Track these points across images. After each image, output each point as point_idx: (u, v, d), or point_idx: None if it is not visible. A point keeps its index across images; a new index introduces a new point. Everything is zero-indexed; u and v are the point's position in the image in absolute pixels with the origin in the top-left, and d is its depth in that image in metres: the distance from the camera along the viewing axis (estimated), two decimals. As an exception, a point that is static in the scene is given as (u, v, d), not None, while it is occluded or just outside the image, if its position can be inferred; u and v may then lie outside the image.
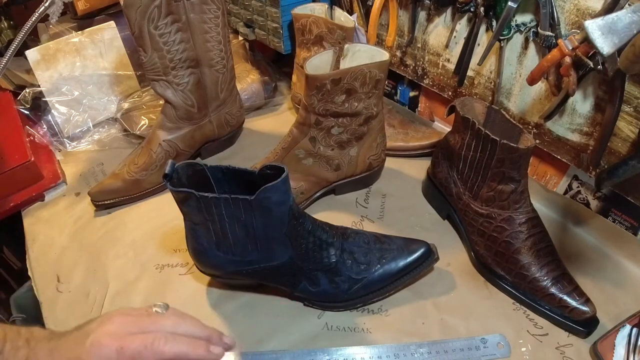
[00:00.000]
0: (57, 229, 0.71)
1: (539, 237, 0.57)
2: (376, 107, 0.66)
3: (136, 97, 0.91)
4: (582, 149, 0.62)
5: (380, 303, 0.58)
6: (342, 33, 0.76)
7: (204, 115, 0.78)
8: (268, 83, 0.97)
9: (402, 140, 0.81)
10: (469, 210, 0.62)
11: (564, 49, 0.53)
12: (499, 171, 0.56)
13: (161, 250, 0.67)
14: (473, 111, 0.62)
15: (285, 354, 0.53)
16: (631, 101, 0.54)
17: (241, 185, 0.50)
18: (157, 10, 0.64)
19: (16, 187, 0.75)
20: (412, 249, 0.57)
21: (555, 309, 0.54)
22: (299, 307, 0.58)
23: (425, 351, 0.52)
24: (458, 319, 0.56)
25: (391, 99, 0.95)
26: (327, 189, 0.73)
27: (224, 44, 0.74)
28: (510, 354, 0.52)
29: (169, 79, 0.71)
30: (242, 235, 0.50)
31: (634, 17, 0.39)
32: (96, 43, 0.88)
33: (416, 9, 0.76)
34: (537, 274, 0.55)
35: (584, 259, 0.63)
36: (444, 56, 0.76)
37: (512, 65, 0.66)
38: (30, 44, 0.88)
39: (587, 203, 0.67)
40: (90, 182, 0.79)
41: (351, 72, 0.59)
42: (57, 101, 0.86)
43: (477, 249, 0.61)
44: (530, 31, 0.61)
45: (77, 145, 0.87)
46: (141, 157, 0.74)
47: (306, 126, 0.65)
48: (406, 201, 0.73)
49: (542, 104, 0.65)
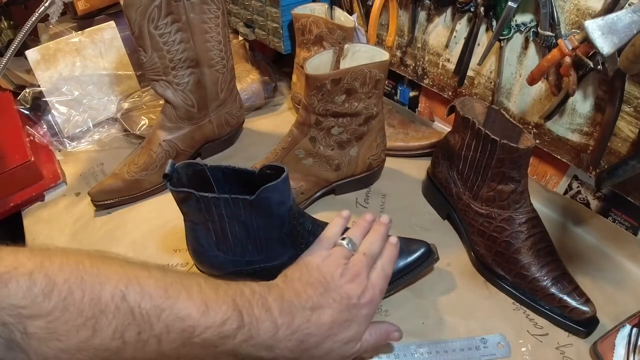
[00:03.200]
0: (57, 229, 0.71)
1: (539, 237, 0.57)
2: (376, 107, 0.66)
3: (136, 97, 0.91)
4: (582, 149, 0.62)
5: (380, 303, 0.58)
6: (342, 33, 0.76)
7: (204, 115, 0.78)
8: (268, 83, 0.97)
9: (402, 140, 0.81)
10: (469, 210, 0.62)
11: (564, 49, 0.53)
12: (499, 171, 0.56)
13: (161, 250, 0.67)
14: (473, 111, 0.62)
15: (285, 354, 0.53)
16: (631, 101, 0.54)
17: (241, 185, 0.50)
18: (157, 10, 0.64)
19: (16, 187, 0.75)
20: (412, 249, 0.57)
21: (555, 309, 0.54)
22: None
23: (425, 351, 0.52)
24: (458, 319, 0.56)
25: (391, 99, 0.95)
26: (327, 189, 0.73)
27: (224, 44, 0.74)
28: (510, 354, 0.52)
29: (169, 79, 0.71)
30: (242, 235, 0.50)
31: (634, 17, 0.39)
32: (96, 43, 0.88)
33: (416, 9, 0.76)
34: (537, 274, 0.55)
35: (584, 259, 0.63)
36: (444, 56, 0.76)
37: (512, 65, 0.66)
38: (30, 44, 0.88)
39: (587, 203, 0.67)
40: (90, 182, 0.79)
41: (351, 72, 0.59)
42: (57, 101, 0.86)
43: (477, 249, 0.61)
44: (530, 31, 0.61)
45: (77, 145, 0.87)
46: (141, 157, 0.74)
47: (306, 126, 0.65)
48: (406, 201, 0.73)
49: (542, 104, 0.65)
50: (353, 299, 0.44)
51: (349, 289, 0.44)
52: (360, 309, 0.45)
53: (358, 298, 0.44)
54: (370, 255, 0.48)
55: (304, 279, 0.44)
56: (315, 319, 0.42)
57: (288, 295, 0.42)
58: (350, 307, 0.44)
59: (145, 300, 0.33)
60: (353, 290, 0.44)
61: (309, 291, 0.43)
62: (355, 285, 0.45)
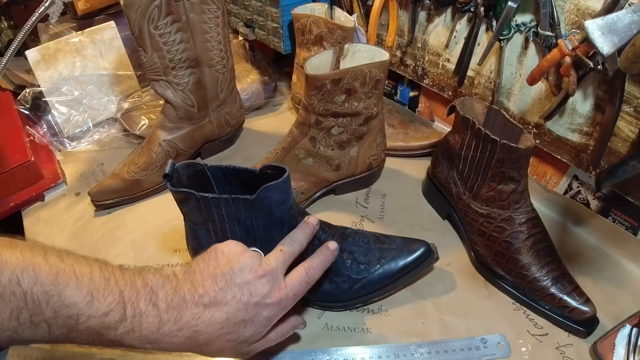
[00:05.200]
0: (57, 229, 0.71)
1: (539, 237, 0.57)
2: (376, 107, 0.66)
3: (136, 97, 0.91)
4: (582, 149, 0.62)
5: (380, 303, 0.58)
6: (342, 33, 0.76)
7: (204, 115, 0.78)
8: (268, 83, 0.97)
9: (402, 140, 0.81)
10: (469, 210, 0.62)
11: (564, 49, 0.53)
12: (499, 171, 0.56)
13: (161, 250, 0.67)
14: (473, 111, 0.62)
15: (286, 354, 0.53)
16: (631, 101, 0.54)
17: (241, 185, 0.50)
18: (157, 10, 0.64)
19: (16, 187, 0.75)
20: (412, 248, 0.57)
21: (555, 309, 0.54)
22: (299, 307, 0.58)
23: (425, 351, 0.52)
24: (458, 319, 0.56)
25: (391, 99, 0.95)
26: (327, 189, 0.73)
27: (224, 44, 0.74)
28: (510, 354, 0.52)
29: (169, 79, 0.71)
30: (242, 235, 0.50)
31: (634, 17, 0.39)
32: (96, 43, 0.88)
33: (416, 9, 0.76)
34: (537, 274, 0.55)
35: (584, 259, 0.63)
36: (444, 56, 0.76)
37: (512, 65, 0.66)
38: (30, 44, 0.88)
39: (587, 203, 0.67)
40: (90, 182, 0.79)
41: (351, 72, 0.59)
42: (57, 101, 0.86)
43: (477, 248, 0.61)
44: (530, 31, 0.61)
45: (77, 145, 0.87)
46: (141, 157, 0.74)
47: (306, 126, 0.65)
48: (406, 201, 0.73)
49: (542, 104, 0.65)
50: (256, 297, 0.41)
51: (256, 285, 0.41)
52: (263, 309, 0.42)
53: (263, 297, 0.41)
54: (288, 252, 0.45)
55: (208, 271, 0.42)
56: (207, 317, 0.40)
57: (182, 289, 0.40)
58: (251, 305, 0.41)
59: (37, 286, 0.34)
60: (260, 288, 0.41)
61: (207, 285, 0.40)
62: (264, 282, 0.42)
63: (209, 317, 0.40)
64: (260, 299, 0.41)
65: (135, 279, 0.39)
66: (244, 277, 0.41)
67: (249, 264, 0.42)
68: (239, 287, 0.41)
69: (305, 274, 0.45)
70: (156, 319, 0.38)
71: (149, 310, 0.38)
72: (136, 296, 0.38)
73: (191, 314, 0.39)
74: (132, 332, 0.37)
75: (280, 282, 0.43)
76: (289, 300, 0.44)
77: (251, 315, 0.41)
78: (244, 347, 0.43)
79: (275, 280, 0.43)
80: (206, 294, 0.40)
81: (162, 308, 0.39)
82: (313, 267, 0.46)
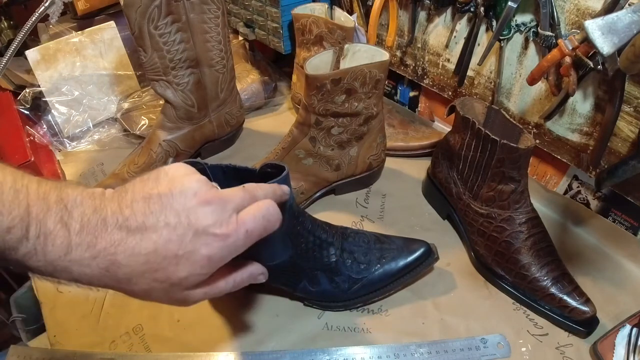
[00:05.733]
0: (57, 229, 0.71)
1: (539, 237, 0.57)
2: (376, 107, 0.66)
3: (136, 97, 0.91)
4: (582, 149, 0.62)
5: (380, 303, 0.58)
6: (342, 33, 0.76)
7: (204, 115, 0.78)
8: (268, 83, 0.97)
9: (402, 140, 0.81)
10: (469, 210, 0.62)
11: (564, 49, 0.53)
12: (499, 171, 0.56)
13: (161, 250, 0.67)
14: (473, 111, 0.62)
15: (285, 354, 0.53)
16: (631, 101, 0.54)
17: (242, 184, 0.50)
18: (157, 10, 0.64)
19: (16, 187, 0.75)
20: (412, 248, 0.57)
21: (555, 309, 0.54)
22: (299, 307, 0.58)
23: (425, 351, 0.52)
24: (458, 319, 0.56)
25: (391, 99, 0.95)
26: (327, 189, 0.73)
27: (224, 44, 0.74)
28: (510, 354, 0.52)
29: (169, 79, 0.71)
30: (242, 235, 0.50)
31: (634, 17, 0.39)
32: (96, 43, 0.88)
33: (416, 9, 0.76)
34: (537, 274, 0.55)
35: (584, 259, 0.63)
36: (444, 56, 0.76)
37: (512, 65, 0.66)
38: (30, 44, 0.88)
39: (587, 203, 0.67)
40: (90, 182, 0.79)
41: (351, 72, 0.59)
42: (57, 101, 0.86)
43: (477, 248, 0.61)
44: (530, 31, 0.62)
45: (77, 145, 0.87)
46: (141, 157, 0.74)
47: (306, 126, 0.65)
48: (406, 201, 0.73)
49: (542, 104, 0.65)
50: (195, 227, 0.33)
51: (197, 212, 0.33)
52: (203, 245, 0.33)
53: (205, 229, 0.33)
54: (250, 191, 0.37)
55: (143, 190, 0.34)
56: (130, 245, 0.32)
57: (105, 209, 0.32)
58: (188, 237, 0.33)
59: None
60: (202, 217, 0.33)
61: (137, 207, 0.33)
62: (207, 211, 0.33)
63: (132, 245, 0.32)
64: (201, 230, 0.33)
65: (50, 193, 0.32)
66: (185, 202, 0.33)
67: (194, 188, 0.34)
68: (176, 213, 0.33)
69: (265, 209, 0.37)
70: (64, 241, 0.31)
71: (57, 231, 0.31)
72: (45, 213, 0.31)
73: (110, 239, 0.32)
74: (35, 256, 0.31)
75: (230, 215, 0.34)
76: (239, 239, 0.35)
77: (187, 250, 0.33)
78: (177, 292, 0.35)
79: (224, 211, 0.34)
80: (133, 217, 0.32)
81: (73, 229, 0.31)
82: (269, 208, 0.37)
